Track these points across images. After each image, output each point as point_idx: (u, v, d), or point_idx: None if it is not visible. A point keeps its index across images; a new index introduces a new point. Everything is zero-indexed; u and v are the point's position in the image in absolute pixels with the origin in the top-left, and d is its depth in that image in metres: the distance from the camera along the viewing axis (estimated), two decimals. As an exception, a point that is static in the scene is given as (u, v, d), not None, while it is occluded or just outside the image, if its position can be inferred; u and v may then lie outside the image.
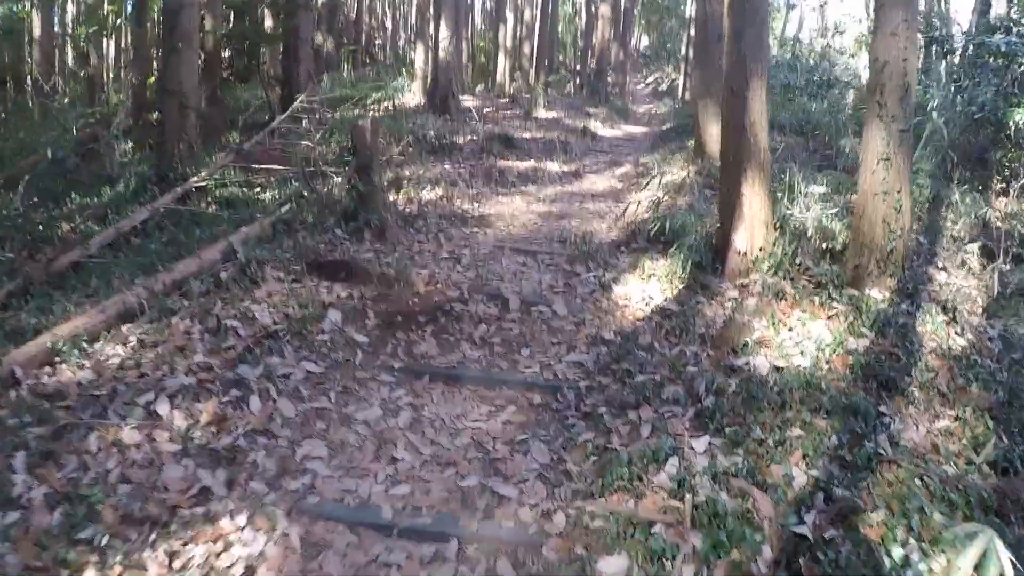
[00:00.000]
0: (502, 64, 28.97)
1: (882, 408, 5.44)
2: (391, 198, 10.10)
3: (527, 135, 16.84)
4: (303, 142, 11.78)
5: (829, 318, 6.71)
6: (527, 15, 32.76)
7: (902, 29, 6.98)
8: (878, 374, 5.86)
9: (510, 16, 31.79)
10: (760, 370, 5.90)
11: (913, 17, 7.16)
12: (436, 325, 6.59)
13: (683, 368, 5.92)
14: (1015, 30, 11.36)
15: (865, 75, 21.35)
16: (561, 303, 7.14)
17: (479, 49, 37.56)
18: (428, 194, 10.73)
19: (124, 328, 5.85)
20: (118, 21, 21.90)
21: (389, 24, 42.28)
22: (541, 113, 20.68)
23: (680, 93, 32.80)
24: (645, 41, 55.93)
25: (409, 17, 39.19)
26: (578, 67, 36.56)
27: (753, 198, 7.46)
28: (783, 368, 5.93)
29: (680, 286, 7.44)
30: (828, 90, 18.88)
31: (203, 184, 9.90)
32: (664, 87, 42.91)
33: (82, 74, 22.16)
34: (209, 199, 9.85)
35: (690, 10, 33.47)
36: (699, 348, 6.29)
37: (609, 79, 30.56)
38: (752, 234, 7.49)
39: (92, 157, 13.34)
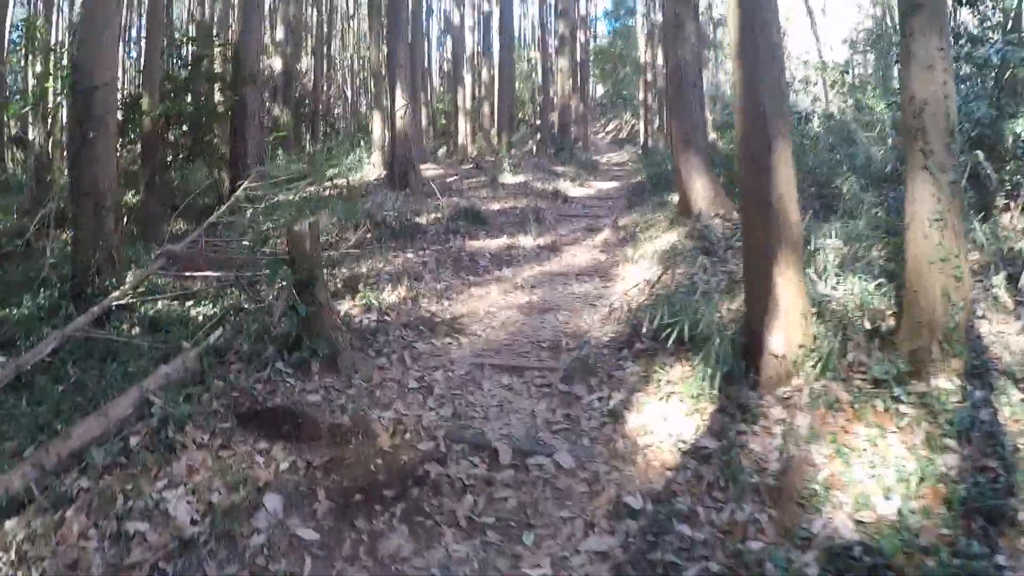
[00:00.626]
0: (463, 126, 27.98)
1: (998, 558, 4.14)
2: (345, 307, 8.62)
3: (495, 206, 15.52)
4: (243, 240, 10.22)
5: (900, 429, 5.33)
6: (484, 74, 31.71)
7: (939, 59, 5.80)
8: (979, 505, 4.50)
9: (468, 77, 30.84)
10: (841, 532, 4.47)
11: (948, 44, 5.94)
12: (408, 502, 4.93)
13: (743, 547, 4.41)
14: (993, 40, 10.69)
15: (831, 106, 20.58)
16: (565, 450, 5.54)
17: (439, 112, 36.66)
18: (389, 296, 9.14)
19: (8, 526, 4.40)
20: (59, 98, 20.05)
21: (349, 91, 41.03)
22: (507, 178, 19.38)
23: (642, 139, 31.90)
24: (600, 90, 55.22)
25: (369, 83, 38.01)
26: (538, 122, 35.68)
27: (786, 287, 5.99)
28: (868, 523, 4.52)
29: (710, 407, 5.89)
30: (806, 125, 17.75)
31: (126, 301, 8.29)
32: (624, 134, 42.26)
33: (24, 158, 20.27)
34: (133, 318, 8.20)
35: (644, 56, 32.76)
36: (755, 506, 4.78)
37: (572, 132, 29.44)
38: (788, 331, 6.01)
39: (21, 254, 11.69)
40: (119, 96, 18.93)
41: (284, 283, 6.86)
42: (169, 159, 15.08)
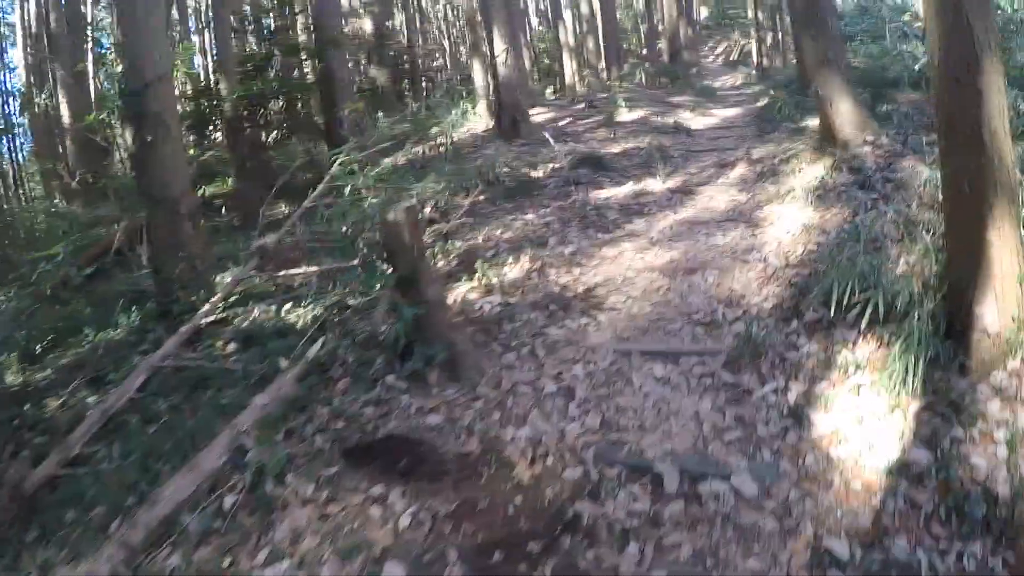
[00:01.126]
0: (568, 64, 26.68)
1: None
2: (463, 290, 7.67)
3: (615, 148, 14.27)
4: (340, 225, 9.21)
5: None
6: (584, 8, 30.25)
7: None
8: None
9: (568, 12, 29.47)
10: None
11: None
12: (558, 556, 3.95)
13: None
14: None
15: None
16: (743, 469, 4.47)
17: (541, 52, 35.44)
18: (511, 270, 8.15)
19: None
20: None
21: (447, 43, 39.88)
22: (623, 115, 18.03)
23: (756, 60, 30.00)
24: (703, 13, 52.80)
25: (465, 31, 36.91)
26: (645, 51, 34.13)
27: (1003, 248, 4.74)
28: None
29: (914, 403, 4.74)
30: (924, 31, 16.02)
31: (215, 316, 7.44)
32: (735, 56, 40.45)
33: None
34: (226, 334, 7.29)
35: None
36: (986, 547, 3.70)
37: (684, 58, 27.83)
38: (1003, 301, 4.81)
39: (115, 268, 11.07)
40: (197, 85, 18.32)
41: (383, 284, 5.90)
42: (262, 140, 14.37)
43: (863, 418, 4.78)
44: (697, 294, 7.20)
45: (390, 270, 6.01)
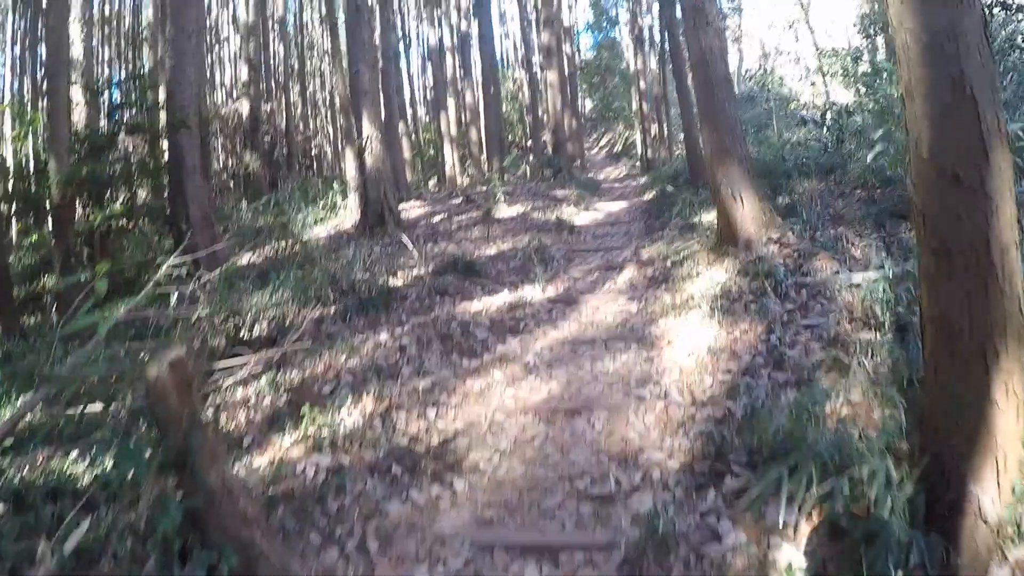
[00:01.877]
0: (449, 155, 25.51)
1: None
2: (285, 443, 5.98)
3: (491, 250, 12.82)
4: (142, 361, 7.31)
5: None
6: (469, 97, 29.23)
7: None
8: None
9: (451, 101, 28.40)
10: None
11: None
12: None
13: None
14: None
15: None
16: None
17: (425, 141, 34.37)
18: (351, 415, 6.47)
19: None
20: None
21: (331, 130, 38.36)
22: (503, 211, 16.65)
23: (640, 151, 29.46)
24: (588, 105, 52.98)
25: (338, 117, 35.47)
26: (530, 143, 33.35)
27: (1010, 408, 3.37)
28: None
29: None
30: (823, 117, 15.35)
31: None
32: (618, 147, 40.34)
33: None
34: None
35: (635, 63, 30.65)
36: None
37: (568, 150, 26.87)
38: (1006, 477, 3.41)
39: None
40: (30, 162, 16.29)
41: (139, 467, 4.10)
42: (96, 230, 12.41)
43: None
44: (582, 447, 5.65)
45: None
